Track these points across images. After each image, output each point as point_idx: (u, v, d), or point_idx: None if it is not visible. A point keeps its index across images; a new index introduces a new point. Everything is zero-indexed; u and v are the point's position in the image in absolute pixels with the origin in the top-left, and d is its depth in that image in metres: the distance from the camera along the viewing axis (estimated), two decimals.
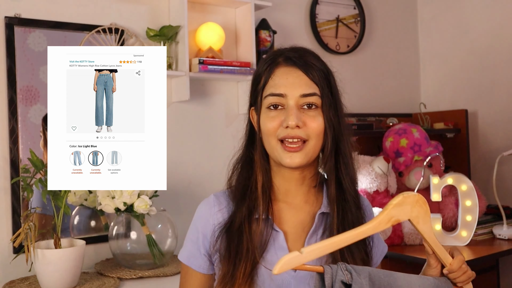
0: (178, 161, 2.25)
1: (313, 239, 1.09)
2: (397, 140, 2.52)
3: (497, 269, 2.64)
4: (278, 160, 1.06)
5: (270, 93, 1.06)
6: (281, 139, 1.04)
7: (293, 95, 1.04)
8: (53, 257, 1.62)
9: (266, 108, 1.07)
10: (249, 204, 1.08)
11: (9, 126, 1.90)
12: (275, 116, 1.05)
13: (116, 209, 1.80)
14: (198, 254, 1.13)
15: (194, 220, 1.16)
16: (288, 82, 1.05)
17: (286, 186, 1.11)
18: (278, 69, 1.07)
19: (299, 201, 1.12)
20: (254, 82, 1.12)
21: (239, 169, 1.15)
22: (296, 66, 1.07)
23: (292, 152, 1.04)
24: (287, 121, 1.03)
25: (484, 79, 2.94)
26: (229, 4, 2.40)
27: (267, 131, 1.06)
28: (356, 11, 2.97)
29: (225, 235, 1.08)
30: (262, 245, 1.06)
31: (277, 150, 1.05)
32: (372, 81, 3.05)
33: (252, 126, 1.14)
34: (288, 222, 1.11)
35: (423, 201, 0.95)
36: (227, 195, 1.15)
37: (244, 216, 1.07)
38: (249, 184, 1.11)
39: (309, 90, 1.05)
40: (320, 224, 1.11)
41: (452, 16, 3.10)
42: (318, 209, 1.12)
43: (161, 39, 2.19)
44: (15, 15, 1.93)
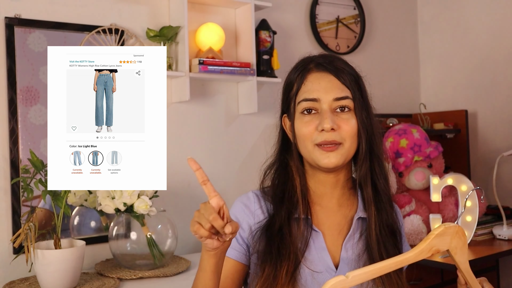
0: (178, 162, 2.25)
1: (350, 243, 1.12)
2: (397, 141, 2.52)
3: (497, 269, 2.64)
4: (315, 162, 1.09)
5: (303, 99, 1.08)
6: (318, 144, 1.07)
7: (326, 99, 1.07)
8: (53, 257, 1.62)
9: (300, 113, 1.09)
10: (288, 206, 1.10)
11: (9, 126, 1.90)
12: (310, 120, 1.08)
13: (116, 210, 1.80)
14: (235, 241, 1.13)
15: (232, 212, 1.16)
16: (321, 86, 1.08)
17: (321, 189, 1.14)
18: (310, 75, 1.10)
19: (333, 204, 1.15)
20: (286, 89, 1.15)
21: (273, 173, 1.17)
22: (327, 71, 1.10)
23: (329, 152, 1.07)
24: (322, 125, 1.05)
25: (484, 79, 2.94)
26: (229, 4, 2.40)
27: (303, 136, 1.08)
28: (356, 12, 2.97)
29: (265, 236, 1.10)
30: (303, 245, 1.08)
31: (313, 153, 1.08)
32: (372, 81, 3.03)
33: (284, 133, 1.17)
34: (325, 224, 1.13)
35: (462, 232, 0.96)
36: (263, 196, 1.17)
37: (283, 218, 1.09)
38: (286, 187, 1.13)
39: (342, 94, 1.09)
40: (357, 228, 1.14)
41: (452, 16, 3.10)
42: (354, 213, 1.15)
43: (161, 40, 2.19)
44: (15, 16, 1.93)
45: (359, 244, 1.12)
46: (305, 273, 1.07)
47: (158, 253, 1.84)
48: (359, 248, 1.12)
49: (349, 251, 1.11)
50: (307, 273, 1.07)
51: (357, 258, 1.11)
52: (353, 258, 1.11)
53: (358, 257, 1.11)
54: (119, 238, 1.87)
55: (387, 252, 1.09)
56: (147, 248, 1.83)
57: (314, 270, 1.07)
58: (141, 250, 1.86)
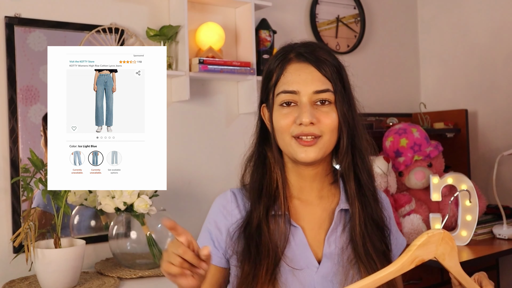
0: (178, 161, 2.25)
1: (333, 237, 1.09)
2: (397, 140, 2.52)
3: (497, 269, 2.64)
4: (292, 156, 1.06)
5: (282, 91, 1.05)
6: (295, 136, 1.04)
7: (306, 92, 1.04)
8: (53, 256, 1.62)
9: (278, 105, 1.06)
10: (265, 202, 1.08)
11: (9, 126, 1.90)
12: (288, 113, 1.05)
13: (116, 209, 1.80)
14: (211, 246, 1.10)
15: (210, 213, 1.15)
16: (301, 78, 1.04)
17: (300, 182, 1.11)
18: (290, 65, 1.06)
19: (313, 198, 1.12)
20: (265, 79, 1.11)
21: (252, 167, 1.14)
22: (308, 62, 1.06)
23: (307, 147, 1.04)
24: (300, 118, 1.02)
25: (484, 79, 2.94)
26: (229, 4, 2.40)
27: (281, 128, 1.05)
28: (356, 11, 2.97)
29: (243, 235, 1.07)
30: (283, 242, 1.05)
31: (291, 146, 1.05)
32: (372, 81, 3.05)
33: (263, 123, 1.14)
34: (304, 218, 1.10)
35: (449, 237, 0.93)
36: (243, 193, 1.15)
37: (261, 214, 1.06)
38: (264, 182, 1.10)
39: (322, 86, 1.05)
40: (339, 221, 1.10)
41: (452, 16, 3.10)
42: (335, 205, 1.11)
43: (161, 39, 2.19)
44: (15, 15, 1.93)
45: (343, 237, 1.09)
46: (286, 271, 1.04)
47: (158, 252, 1.84)
48: (342, 241, 1.09)
49: (332, 245, 1.08)
50: (288, 270, 1.04)
51: (340, 251, 1.07)
52: (336, 252, 1.07)
53: (342, 250, 1.08)
54: (119, 237, 1.87)
55: (373, 246, 1.07)
56: (147, 247, 1.83)
57: (294, 268, 1.04)
58: (141, 249, 1.86)
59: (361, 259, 1.05)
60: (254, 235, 1.05)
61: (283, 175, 1.10)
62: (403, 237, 1.26)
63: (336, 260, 1.07)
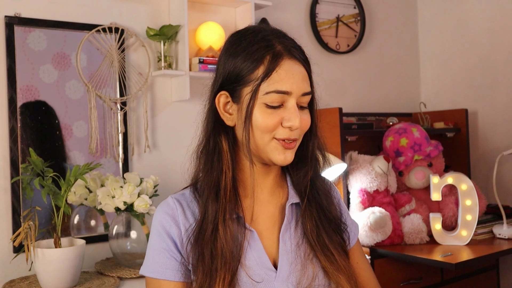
0: (178, 161, 2.25)
1: (287, 234, 1.05)
2: (397, 140, 2.52)
3: (497, 268, 2.64)
4: (268, 156, 0.99)
5: (276, 90, 0.96)
6: (280, 139, 0.98)
7: (296, 94, 0.97)
8: (53, 256, 1.62)
9: (264, 103, 0.97)
10: (221, 204, 0.99)
11: (9, 125, 1.90)
12: (274, 112, 0.97)
13: (116, 209, 1.80)
14: (171, 261, 1.01)
15: (155, 227, 1.04)
16: (295, 80, 0.97)
17: (253, 180, 1.03)
18: (283, 62, 0.97)
19: (265, 195, 1.07)
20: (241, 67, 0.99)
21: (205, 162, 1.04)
22: (298, 61, 0.99)
23: (287, 150, 0.99)
24: (291, 122, 0.96)
25: (484, 79, 2.94)
26: (229, 3, 2.40)
27: (265, 128, 0.97)
28: (356, 11, 2.96)
29: (196, 243, 0.99)
30: (238, 249, 0.99)
31: (269, 146, 0.98)
32: (372, 81, 3.05)
33: (217, 113, 1.03)
34: (258, 218, 1.05)
35: None
36: (187, 196, 1.07)
37: (214, 219, 0.98)
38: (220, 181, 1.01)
39: (308, 89, 1.00)
40: (291, 216, 1.07)
41: (452, 16, 3.10)
42: (285, 201, 1.07)
43: (161, 39, 2.18)
44: (15, 15, 1.93)
45: (297, 232, 1.05)
46: (244, 280, 0.98)
47: None
48: (297, 236, 1.04)
49: (287, 242, 1.03)
50: (246, 279, 0.98)
51: (296, 248, 1.03)
52: (292, 249, 1.03)
53: (297, 246, 1.03)
54: (119, 237, 1.87)
55: (328, 237, 1.04)
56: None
57: (253, 279, 0.98)
58: (141, 249, 1.86)
59: (318, 251, 1.03)
60: (208, 242, 0.97)
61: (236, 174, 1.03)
62: (356, 223, 1.21)
63: (292, 257, 1.03)
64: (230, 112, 1.02)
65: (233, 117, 1.02)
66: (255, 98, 0.97)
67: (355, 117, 2.86)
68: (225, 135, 1.03)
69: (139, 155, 2.20)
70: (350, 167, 2.40)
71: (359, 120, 2.86)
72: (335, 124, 2.37)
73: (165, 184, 2.03)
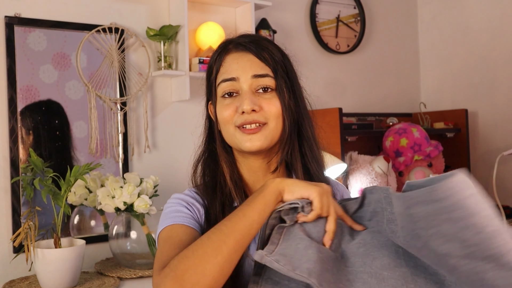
0: (178, 161, 2.25)
1: None
2: (397, 140, 2.52)
3: None
4: (238, 146, 1.03)
5: (222, 79, 1.03)
6: (239, 125, 1.01)
7: (245, 78, 1.02)
8: (53, 256, 1.62)
9: (221, 97, 1.04)
10: (221, 199, 1.04)
11: (9, 125, 1.90)
12: (230, 103, 1.03)
13: (116, 209, 1.80)
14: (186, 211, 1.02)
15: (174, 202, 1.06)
16: (239, 66, 1.03)
17: (254, 177, 1.08)
18: (228, 55, 1.05)
19: None
20: (207, 74, 1.10)
21: (202, 166, 1.10)
22: (247, 50, 1.04)
23: (251, 135, 1.01)
24: (242, 106, 1.00)
25: (484, 79, 2.94)
26: (229, 3, 2.40)
27: (224, 120, 1.03)
28: (356, 11, 2.96)
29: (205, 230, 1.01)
30: None
31: (235, 136, 1.02)
32: (372, 81, 3.05)
33: (211, 121, 1.12)
34: None
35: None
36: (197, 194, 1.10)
37: (218, 211, 1.03)
38: (217, 178, 1.07)
39: (261, 71, 1.02)
40: None
41: (452, 16, 3.10)
42: None
43: (161, 39, 2.18)
44: (15, 15, 1.93)
45: None
46: (247, 266, 1.00)
47: None
48: None
49: None
50: (249, 265, 0.99)
51: None
52: None
53: None
54: (119, 237, 1.87)
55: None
56: (147, 247, 1.83)
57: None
58: (141, 249, 1.86)
59: None
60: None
61: (234, 170, 1.07)
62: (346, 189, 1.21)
63: None
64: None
65: None
66: (215, 94, 1.06)
67: (355, 117, 2.86)
68: (220, 140, 1.09)
69: (139, 155, 2.20)
70: (350, 167, 2.40)
71: (359, 120, 2.86)
72: (335, 124, 2.37)
73: (165, 184, 2.03)
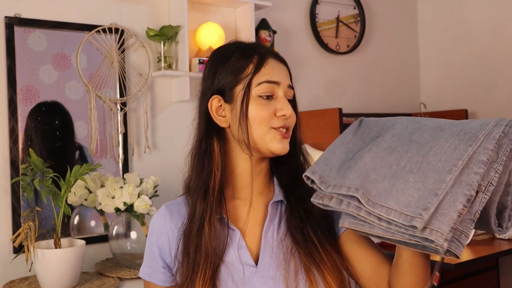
0: (178, 161, 2.24)
1: (270, 230, 1.08)
2: None
3: (497, 269, 2.64)
4: (266, 146, 1.05)
5: (266, 80, 1.06)
6: (277, 127, 1.05)
7: (284, 86, 1.08)
8: (53, 257, 1.62)
9: (257, 96, 1.06)
10: (208, 205, 1.06)
11: (9, 126, 1.90)
12: (268, 103, 1.06)
13: (116, 209, 1.80)
14: (158, 268, 1.11)
15: (148, 234, 1.15)
16: (281, 73, 1.08)
17: (243, 181, 1.10)
18: (269, 59, 1.09)
19: (254, 195, 1.11)
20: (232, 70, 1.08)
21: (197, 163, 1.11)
22: (280, 61, 1.11)
23: (285, 139, 1.07)
24: (283, 111, 1.05)
25: (484, 79, 2.94)
26: (229, 4, 2.40)
27: (262, 119, 1.05)
28: (356, 11, 2.96)
29: (183, 241, 1.07)
30: (221, 247, 1.05)
31: (268, 136, 1.05)
32: (372, 81, 3.05)
33: (209, 117, 1.10)
34: (243, 218, 1.10)
35: None
36: (178, 202, 1.15)
37: (200, 217, 1.06)
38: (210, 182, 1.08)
39: (291, 83, 1.11)
40: (274, 213, 1.10)
41: (452, 16, 3.10)
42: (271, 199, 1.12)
43: (161, 39, 2.19)
44: (15, 15, 1.93)
45: (281, 228, 1.08)
46: (224, 277, 1.04)
47: None
48: (281, 232, 1.08)
49: (269, 239, 1.07)
50: (227, 276, 1.04)
51: (279, 243, 1.07)
52: (274, 244, 1.07)
53: (280, 241, 1.07)
54: (119, 238, 1.87)
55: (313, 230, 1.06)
56: None
57: (233, 275, 1.04)
58: (141, 250, 1.86)
59: (301, 246, 1.05)
60: (193, 239, 1.05)
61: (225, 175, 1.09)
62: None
63: (275, 253, 1.06)
64: (223, 115, 1.09)
65: (227, 118, 1.08)
66: (249, 92, 1.06)
67: (355, 118, 2.86)
68: (217, 137, 1.09)
69: (139, 156, 2.20)
70: None
71: None
72: (335, 125, 2.37)
73: (165, 185, 2.03)
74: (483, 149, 0.83)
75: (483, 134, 0.84)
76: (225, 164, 1.09)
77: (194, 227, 1.05)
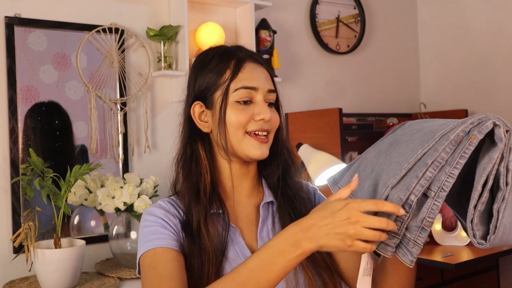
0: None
1: (265, 231, 1.10)
2: None
3: (497, 269, 2.64)
4: (245, 152, 1.06)
5: (243, 86, 1.06)
6: (252, 131, 1.06)
7: (262, 90, 1.08)
8: (53, 257, 1.62)
9: (235, 102, 1.06)
10: (199, 206, 1.06)
11: (9, 126, 1.90)
12: (245, 109, 1.06)
13: (116, 209, 1.80)
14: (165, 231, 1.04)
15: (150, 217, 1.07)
16: (259, 77, 1.08)
17: (230, 183, 1.11)
18: (247, 64, 1.09)
19: (243, 197, 1.13)
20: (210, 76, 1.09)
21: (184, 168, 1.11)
22: (260, 64, 1.11)
23: (263, 144, 1.07)
24: (261, 115, 1.05)
25: (484, 78, 2.94)
26: (229, 4, 2.40)
27: (238, 124, 1.06)
28: (356, 11, 2.96)
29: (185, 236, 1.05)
30: (223, 244, 1.05)
31: (244, 143, 1.06)
32: (372, 81, 3.05)
33: (193, 123, 1.12)
34: (237, 218, 1.11)
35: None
36: (175, 199, 1.12)
37: (197, 218, 1.05)
38: (200, 183, 1.08)
39: (272, 87, 1.10)
40: (266, 214, 1.12)
41: (452, 16, 3.10)
42: (261, 201, 1.13)
43: (161, 39, 2.19)
44: (15, 15, 1.93)
45: (275, 229, 1.10)
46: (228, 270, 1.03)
47: None
48: (275, 232, 1.09)
49: (265, 239, 1.09)
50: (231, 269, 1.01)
51: None
52: None
53: None
54: (119, 238, 1.87)
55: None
56: None
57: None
58: None
59: None
60: (195, 238, 1.04)
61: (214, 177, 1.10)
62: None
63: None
64: (205, 120, 1.11)
65: (209, 123, 1.10)
66: (227, 97, 1.07)
67: (355, 118, 2.86)
68: (201, 142, 1.11)
69: (139, 156, 2.20)
70: None
71: (359, 121, 2.86)
72: (335, 125, 2.37)
73: (165, 185, 2.02)
74: (433, 150, 0.79)
75: (440, 134, 0.79)
76: (213, 167, 1.11)
77: (193, 229, 1.05)
